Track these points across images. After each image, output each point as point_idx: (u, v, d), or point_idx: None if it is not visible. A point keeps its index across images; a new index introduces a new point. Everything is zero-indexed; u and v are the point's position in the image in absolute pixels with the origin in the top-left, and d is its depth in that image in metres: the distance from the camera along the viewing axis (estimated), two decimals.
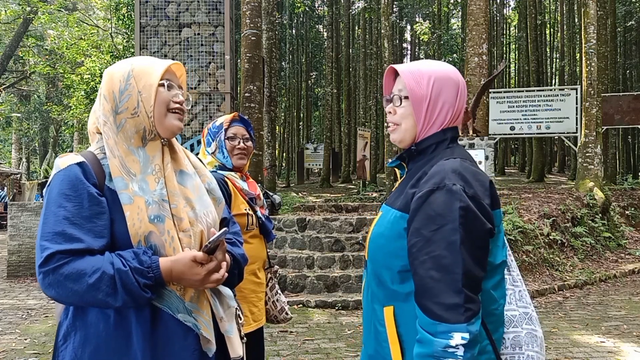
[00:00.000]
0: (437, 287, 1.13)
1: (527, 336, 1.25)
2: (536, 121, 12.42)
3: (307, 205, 10.56)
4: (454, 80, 1.30)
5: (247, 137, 2.31)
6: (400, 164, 1.39)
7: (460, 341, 1.10)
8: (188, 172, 1.42)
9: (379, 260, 1.28)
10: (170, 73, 1.38)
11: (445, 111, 1.30)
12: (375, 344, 1.29)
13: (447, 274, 1.12)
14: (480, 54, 9.89)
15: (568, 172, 22.70)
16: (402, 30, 31.59)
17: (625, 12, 22.29)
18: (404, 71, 1.32)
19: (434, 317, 1.12)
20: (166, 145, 1.38)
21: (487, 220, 1.17)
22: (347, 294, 6.45)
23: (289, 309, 2.41)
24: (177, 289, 1.28)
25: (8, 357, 4.44)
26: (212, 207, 1.44)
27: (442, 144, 1.30)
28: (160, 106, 1.33)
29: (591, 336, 5.00)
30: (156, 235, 1.25)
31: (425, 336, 1.13)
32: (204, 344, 1.30)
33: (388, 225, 1.27)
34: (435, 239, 1.14)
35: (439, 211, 1.15)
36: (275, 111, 16.93)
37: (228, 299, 1.41)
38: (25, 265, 8.17)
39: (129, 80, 1.32)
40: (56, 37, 19.54)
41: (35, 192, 15.76)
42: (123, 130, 1.31)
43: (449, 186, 1.16)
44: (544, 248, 7.92)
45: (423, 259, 1.15)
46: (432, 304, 1.13)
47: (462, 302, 1.11)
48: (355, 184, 19.89)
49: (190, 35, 7.16)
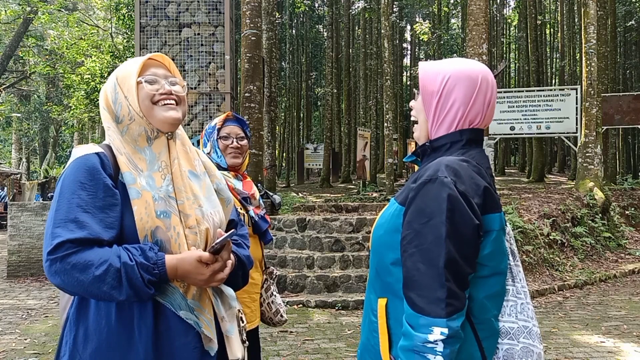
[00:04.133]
0: (422, 280, 1.13)
1: (522, 350, 1.22)
2: (536, 121, 12.43)
3: (307, 205, 10.56)
4: (472, 79, 1.27)
5: (242, 136, 2.31)
6: (416, 160, 1.40)
7: (439, 336, 1.09)
8: (197, 172, 1.42)
9: (377, 251, 1.30)
10: (151, 67, 1.37)
11: (455, 109, 1.27)
12: (367, 332, 1.31)
13: (432, 267, 1.12)
14: (480, 54, 9.89)
15: (568, 172, 22.71)
16: (402, 30, 31.60)
17: (625, 12, 22.30)
18: (421, 66, 1.33)
19: (417, 310, 1.13)
20: (172, 139, 1.38)
21: (474, 216, 1.16)
22: (347, 294, 6.45)
23: (284, 311, 2.39)
24: (181, 286, 1.28)
25: (8, 357, 4.43)
26: (219, 208, 1.44)
27: (457, 144, 1.28)
28: (145, 102, 1.33)
29: (591, 336, 5.00)
30: (162, 231, 1.26)
31: (408, 329, 1.14)
32: (205, 342, 1.31)
33: (388, 217, 1.29)
34: (423, 232, 1.15)
35: (429, 203, 1.16)
36: (275, 111, 16.93)
37: (230, 300, 1.41)
38: (25, 265, 8.17)
39: (116, 89, 1.34)
40: (56, 37, 19.53)
41: (35, 192, 15.74)
42: (128, 134, 1.33)
43: (440, 178, 1.16)
44: (544, 248, 7.92)
45: (412, 252, 1.16)
46: (416, 296, 1.14)
47: (445, 296, 1.11)
48: (355, 184, 19.88)
49: (190, 35, 7.16)
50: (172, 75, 1.40)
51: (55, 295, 6.91)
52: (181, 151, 1.41)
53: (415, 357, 1.11)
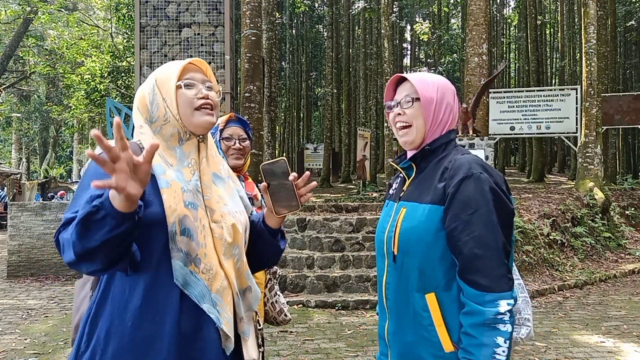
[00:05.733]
0: (481, 263, 1.29)
1: (523, 302, 1.45)
2: (536, 121, 12.42)
3: (307, 205, 10.55)
4: (451, 88, 1.50)
5: (244, 137, 2.32)
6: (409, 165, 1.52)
7: (507, 307, 1.27)
8: (222, 175, 1.45)
9: (417, 251, 1.39)
10: (189, 71, 1.40)
11: (448, 113, 1.48)
12: (415, 329, 1.40)
13: (489, 250, 1.29)
14: (480, 54, 9.89)
15: (568, 172, 22.70)
16: (402, 30, 31.59)
17: (625, 12, 22.30)
18: (413, 78, 1.48)
19: (482, 289, 1.28)
20: (202, 142, 1.41)
21: (510, 202, 1.36)
22: (347, 294, 6.45)
23: (288, 311, 2.42)
24: (205, 278, 1.28)
25: (8, 357, 4.43)
26: (243, 209, 1.47)
27: (450, 144, 1.48)
28: (185, 107, 1.35)
29: (591, 336, 5.00)
30: (190, 220, 1.27)
31: (474, 307, 1.28)
32: (223, 340, 1.31)
33: (422, 218, 1.39)
34: (473, 221, 1.31)
35: (473, 196, 1.32)
36: (275, 111, 16.92)
37: (253, 300, 1.43)
38: (25, 265, 8.17)
39: (155, 90, 1.37)
40: (56, 37, 19.53)
41: (35, 192, 15.77)
42: (160, 134, 1.36)
43: (476, 175, 1.34)
44: (544, 248, 7.92)
45: (465, 240, 1.31)
46: (480, 277, 1.28)
47: (505, 272, 1.29)
48: (355, 184, 19.88)
49: (190, 35, 7.16)
50: (209, 80, 1.43)
51: (55, 295, 6.91)
52: (209, 154, 1.43)
53: (487, 329, 1.26)
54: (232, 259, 1.36)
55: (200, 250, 1.28)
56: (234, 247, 1.37)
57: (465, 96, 10.05)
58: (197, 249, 1.27)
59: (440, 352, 1.36)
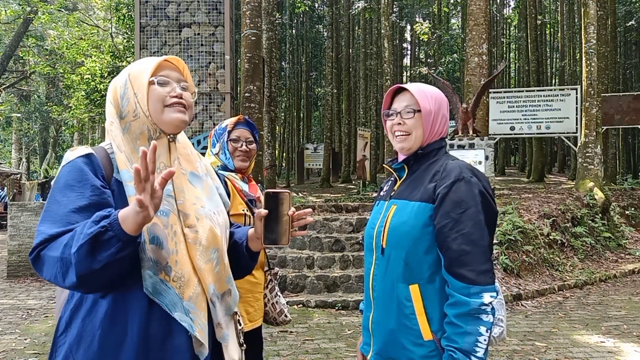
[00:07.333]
0: (469, 258, 1.40)
1: (497, 304, 1.53)
2: (536, 121, 12.42)
3: (307, 205, 10.55)
4: (445, 100, 1.65)
5: (251, 140, 2.36)
6: (401, 167, 1.65)
7: (490, 299, 1.38)
8: (199, 173, 1.43)
9: (404, 245, 1.49)
10: (165, 69, 1.37)
11: (443, 123, 1.62)
12: (398, 317, 1.50)
13: (477, 246, 1.41)
14: (480, 54, 9.89)
15: (568, 172, 22.69)
16: (402, 30, 31.58)
17: (625, 12, 22.30)
18: (415, 90, 1.59)
19: (468, 282, 1.39)
20: (173, 142, 1.38)
21: (495, 205, 1.49)
22: (347, 294, 6.44)
23: (288, 311, 2.42)
24: (177, 286, 1.26)
25: (8, 357, 4.44)
26: (222, 208, 1.45)
27: (441, 150, 1.62)
28: (155, 103, 1.33)
29: (591, 336, 5.00)
30: (159, 228, 1.25)
31: (460, 298, 1.39)
32: (196, 347, 1.29)
33: (411, 215, 1.50)
34: (463, 220, 1.42)
35: (464, 197, 1.44)
36: (275, 111, 16.93)
37: (232, 303, 1.41)
38: (25, 265, 8.17)
39: (127, 84, 1.35)
40: (56, 37, 19.52)
41: (35, 192, 15.75)
42: (129, 132, 1.33)
43: (467, 178, 1.46)
44: (544, 248, 7.92)
45: (454, 236, 1.42)
46: (466, 271, 1.39)
47: (490, 268, 1.41)
48: (355, 184, 19.88)
49: (190, 35, 7.16)
50: (185, 80, 1.40)
51: (55, 295, 6.91)
52: (182, 153, 1.41)
53: (472, 319, 1.37)
54: (210, 263, 1.34)
55: (170, 258, 1.25)
56: (211, 251, 1.34)
57: (465, 96, 10.05)
58: (167, 257, 1.25)
59: (419, 339, 1.46)
